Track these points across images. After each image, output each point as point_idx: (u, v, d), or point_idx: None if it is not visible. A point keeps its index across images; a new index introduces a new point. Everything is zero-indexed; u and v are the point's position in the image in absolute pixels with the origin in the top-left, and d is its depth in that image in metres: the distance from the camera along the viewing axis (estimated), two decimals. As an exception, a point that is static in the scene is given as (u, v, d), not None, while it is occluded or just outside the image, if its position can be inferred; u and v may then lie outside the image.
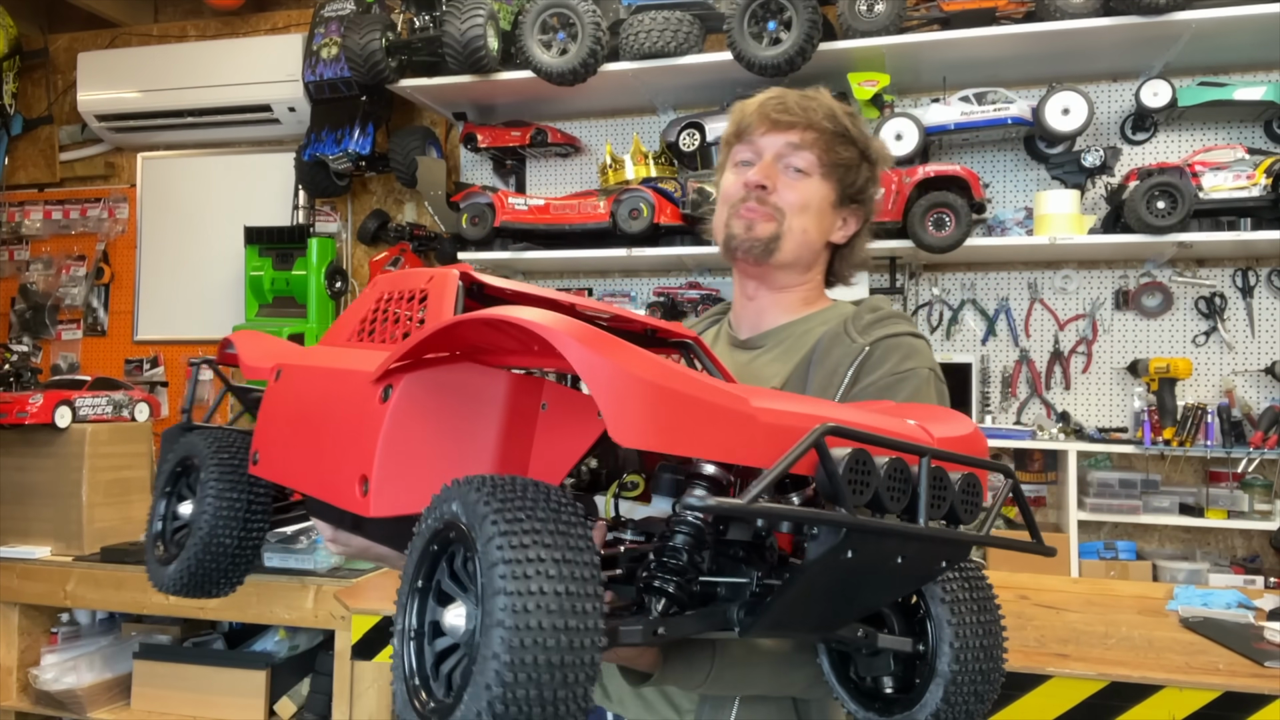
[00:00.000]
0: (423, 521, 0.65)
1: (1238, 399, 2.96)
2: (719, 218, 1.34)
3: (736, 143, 1.34)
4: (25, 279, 4.21)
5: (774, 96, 1.33)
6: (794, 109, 1.30)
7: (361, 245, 3.83)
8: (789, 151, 1.30)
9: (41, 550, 2.96)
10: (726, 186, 1.33)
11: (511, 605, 0.53)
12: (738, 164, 1.33)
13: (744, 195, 1.29)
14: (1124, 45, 2.87)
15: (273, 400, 0.95)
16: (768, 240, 1.28)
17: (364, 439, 0.78)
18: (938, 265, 3.23)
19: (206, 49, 3.85)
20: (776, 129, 1.30)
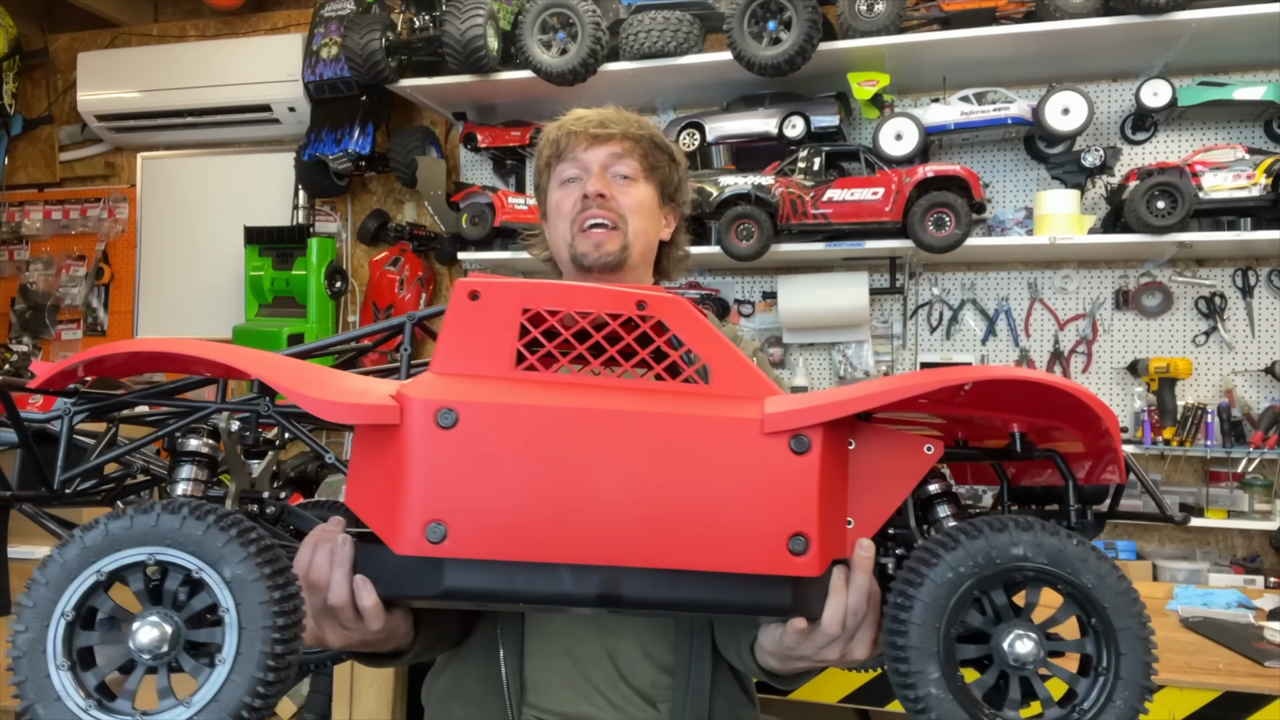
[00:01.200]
0: (956, 567, 0.72)
1: (1238, 399, 2.96)
2: (558, 233, 1.41)
3: (558, 163, 1.42)
4: (25, 279, 4.21)
5: (585, 116, 1.43)
6: (610, 123, 1.40)
7: (361, 245, 3.83)
8: (613, 161, 1.40)
9: (42, 550, 2.95)
10: (559, 203, 1.41)
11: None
12: (564, 182, 1.41)
13: (583, 206, 1.37)
14: (1124, 45, 2.87)
15: (468, 454, 0.74)
16: (618, 252, 1.38)
17: (780, 497, 0.74)
18: (938, 265, 3.23)
19: (206, 49, 3.85)
20: (598, 143, 1.40)
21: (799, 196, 2.93)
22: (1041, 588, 0.76)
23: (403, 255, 3.65)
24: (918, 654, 0.72)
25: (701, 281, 3.44)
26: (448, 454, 0.74)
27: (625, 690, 1.24)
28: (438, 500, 0.73)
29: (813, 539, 0.75)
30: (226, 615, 0.69)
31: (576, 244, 1.37)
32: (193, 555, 0.70)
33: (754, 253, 2.95)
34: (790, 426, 0.75)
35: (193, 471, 0.88)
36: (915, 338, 3.27)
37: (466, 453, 0.74)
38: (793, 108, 3.08)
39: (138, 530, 0.71)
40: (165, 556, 0.71)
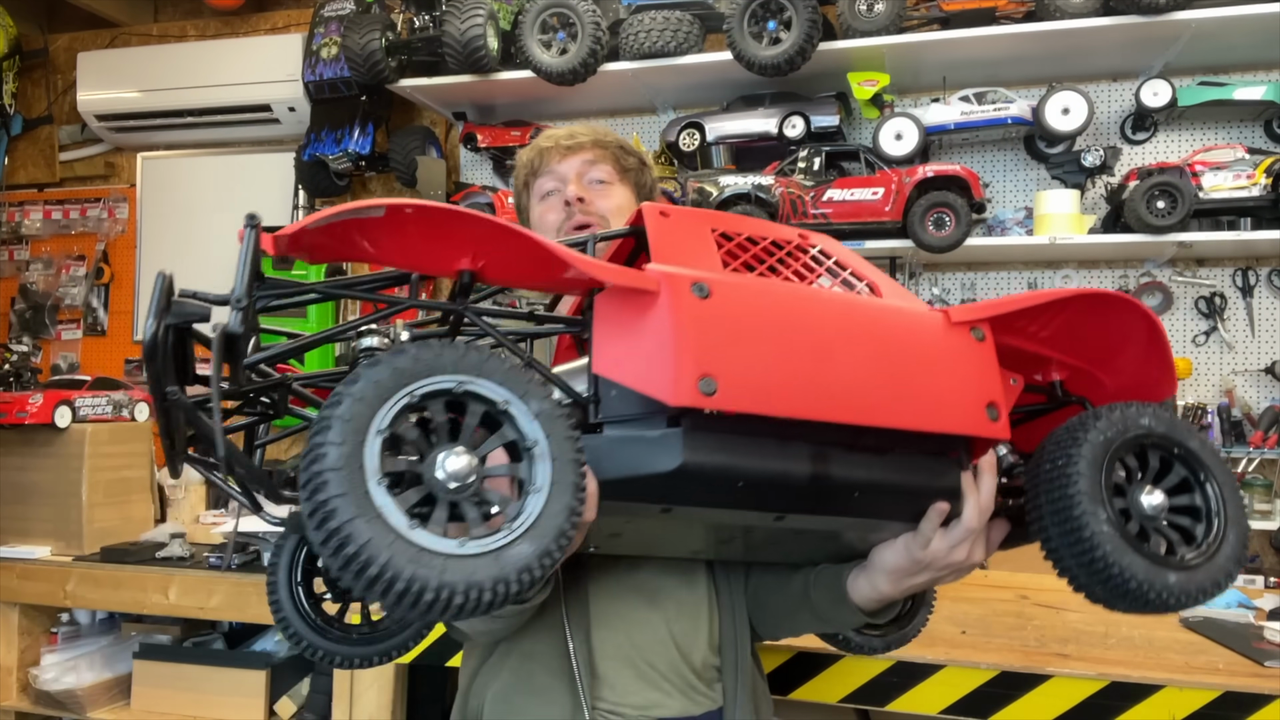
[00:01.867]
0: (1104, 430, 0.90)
1: (1238, 399, 2.96)
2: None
3: (535, 179, 1.50)
4: (25, 279, 4.21)
5: (553, 133, 1.51)
6: (579, 134, 1.49)
7: (361, 245, 3.83)
8: (587, 168, 1.47)
9: (41, 550, 2.95)
10: (541, 216, 1.47)
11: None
12: (543, 196, 1.48)
13: (567, 214, 1.42)
14: (1124, 45, 2.87)
15: (726, 321, 0.83)
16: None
17: (976, 372, 0.91)
18: (938, 265, 3.23)
19: (206, 49, 3.85)
20: (570, 153, 1.47)
21: (799, 196, 2.93)
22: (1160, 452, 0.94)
23: (403, 255, 3.65)
24: (1087, 499, 0.86)
25: (701, 281, 3.44)
26: (709, 319, 0.82)
27: (688, 674, 1.26)
28: (707, 357, 0.80)
29: (1001, 409, 0.91)
30: (537, 447, 0.71)
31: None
32: (502, 387, 0.72)
33: (754, 253, 2.95)
34: (969, 319, 0.93)
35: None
36: (915, 338, 3.27)
37: (724, 319, 0.83)
38: (793, 108, 3.08)
39: (446, 359, 0.72)
40: (475, 387, 0.72)
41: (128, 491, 3.13)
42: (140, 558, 2.87)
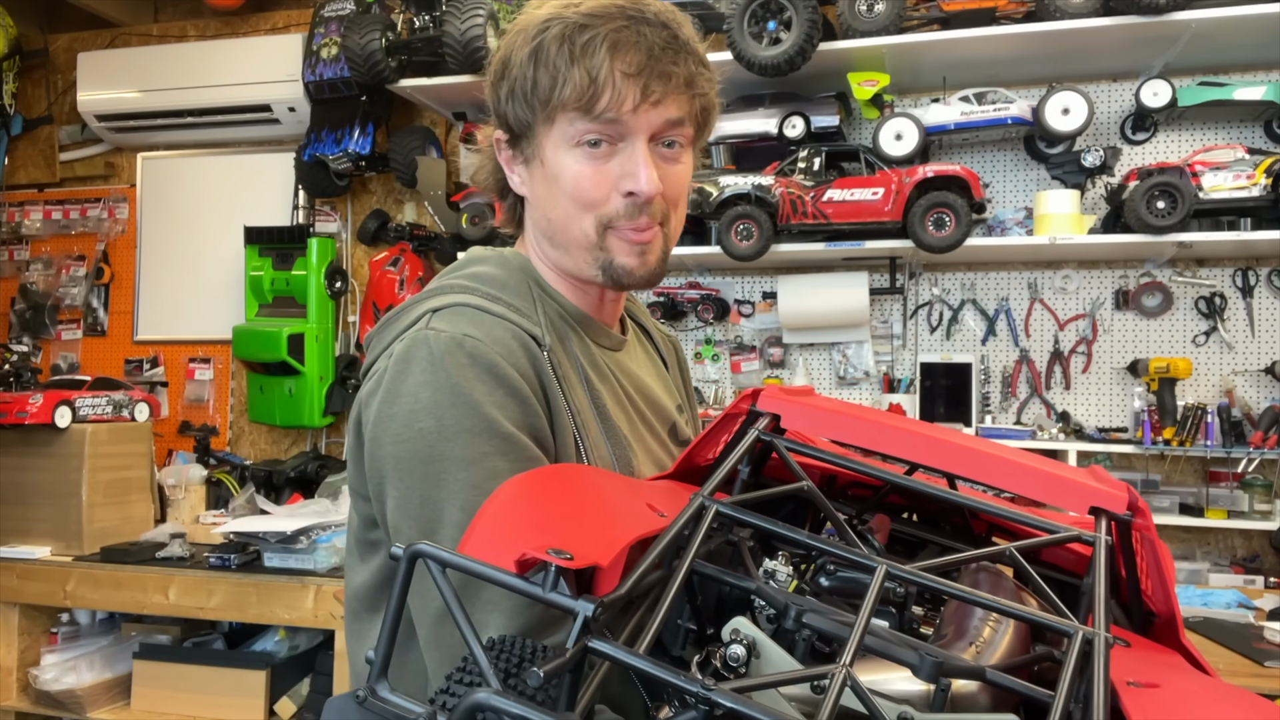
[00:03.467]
0: None
1: (1238, 399, 2.96)
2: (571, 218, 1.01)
3: (580, 116, 0.96)
4: (25, 279, 4.21)
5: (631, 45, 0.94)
6: (669, 69, 0.96)
7: (361, 245, 3.83)
8: (666, 129, 0.99)
9: (41, 550, 2.96)
10: (582, 182, 0.99)
11: None
12: (582, 143, 0.98)
13: (628, 209, 1.00)
14: (1124, 45, 2.87)
15: None
16: (660, 261, 1.05)
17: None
18: (938, 265, 3.23)
19: (206, 49, 3.85)
20: (649, 101, 0.96)
21: (799, 196, 2.93)
22: None
23: (403, 255, 3.65)
24: None
25: (701, 281, 3.44)
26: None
27: None
28: None
29: None
30: None
31: (611, 251, 1.02)
32: None
33: (754, 253, 2.95)
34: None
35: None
36: (915, 338, 3.27)
37: None
38: (793, 108, 3.08)
39: None
40: None
41: (128, 491, 3.13)
42: (140, 558, 2.88)
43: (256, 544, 2.82)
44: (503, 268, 1.07)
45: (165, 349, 4.05)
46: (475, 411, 0.89)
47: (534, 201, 1.08)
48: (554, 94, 0.96)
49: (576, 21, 0.95)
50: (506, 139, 1.07)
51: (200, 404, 3.97)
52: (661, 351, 1.30)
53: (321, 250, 3.64)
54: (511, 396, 0.92)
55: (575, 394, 1.01)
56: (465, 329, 0.94)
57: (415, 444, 0.89)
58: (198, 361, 3.99)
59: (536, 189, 1.06)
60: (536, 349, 0.98)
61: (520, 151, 1.06)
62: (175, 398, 4.00)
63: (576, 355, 1.05)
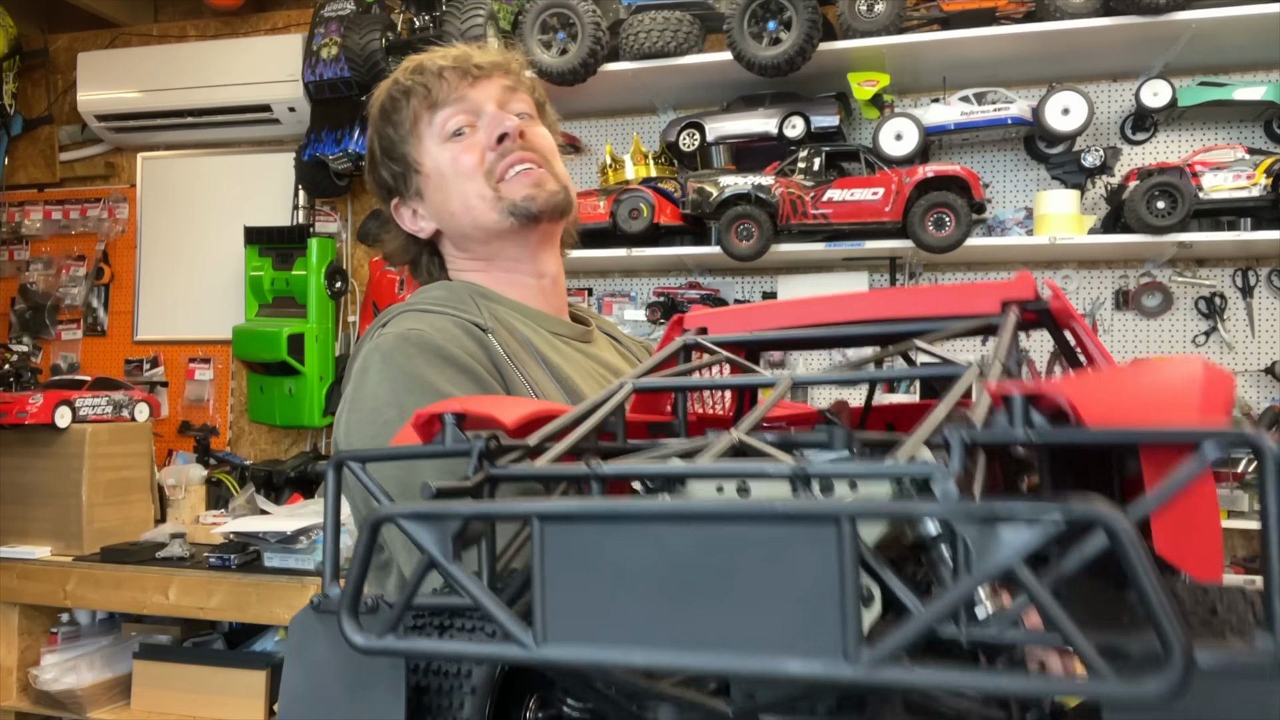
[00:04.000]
0: None
1: (1238, 399, 2.96)
2: (467, 195, 1.11)
3: (432, 113, 1.12)
4: (25, 279, 4.21)
5: (438, 55, 1.14)
6: (483, 59, 1.14)
7: (361, 245, 3.83)
8: (508, 97, 1.14)
9: (41, 550, 2.96)
10: (455, 160, 1.11)
11: None
12: (450, 136, 1.12)
13: (501, 152, 1.10)
14: (1124, 45, 2.87)
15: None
16: (563, 191, 1.13)
17: None
18: (938, 265, 3.23)
19: (206, 49, 3.85)
20: (482, 78, 1.12)
21: (799, 196, 2.93)
22: None
23: (403, 255, 3.65)
24: None
25: (701, 282, 3.44)
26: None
27: None
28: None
29: None
30: None
31: (508, 190, 1.11)
32: None
33: (754, 253, 2.95)
34: None
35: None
36: (915, 338, 3.27)
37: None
38: (793, 108, 3.08)
39: None
40: None
41: (128, 491, 3.13)
42: (140, 558, 2.88)
43: (256, 544, 2.82)
44: (445, 288, 1.14)
45: (165, 349, 4.05)
46: (431, 390, 0.94)
47: (439, 218, 1.17)
48: (407, 113, 1.13)
49: (396, 78, 1.16)
50: (397, 201, 1.19)
51: (200, 404, 3.97)
52: (634, 355, 1.32)
53: (321, 250, 3.64)
54: (463, 373, 0.97)
55: (529, 369, 1.04)
56: (409, 325, 1.01)
57: (384, 435, 0.92)
58: (198, 361, 3.99)
59: (434, 204, 1.16)
60: (480, 332, 1.04)
61: (409, 193, 1.18)
62: (175, 398, 4.00)
63: (528, 340, 1.09)
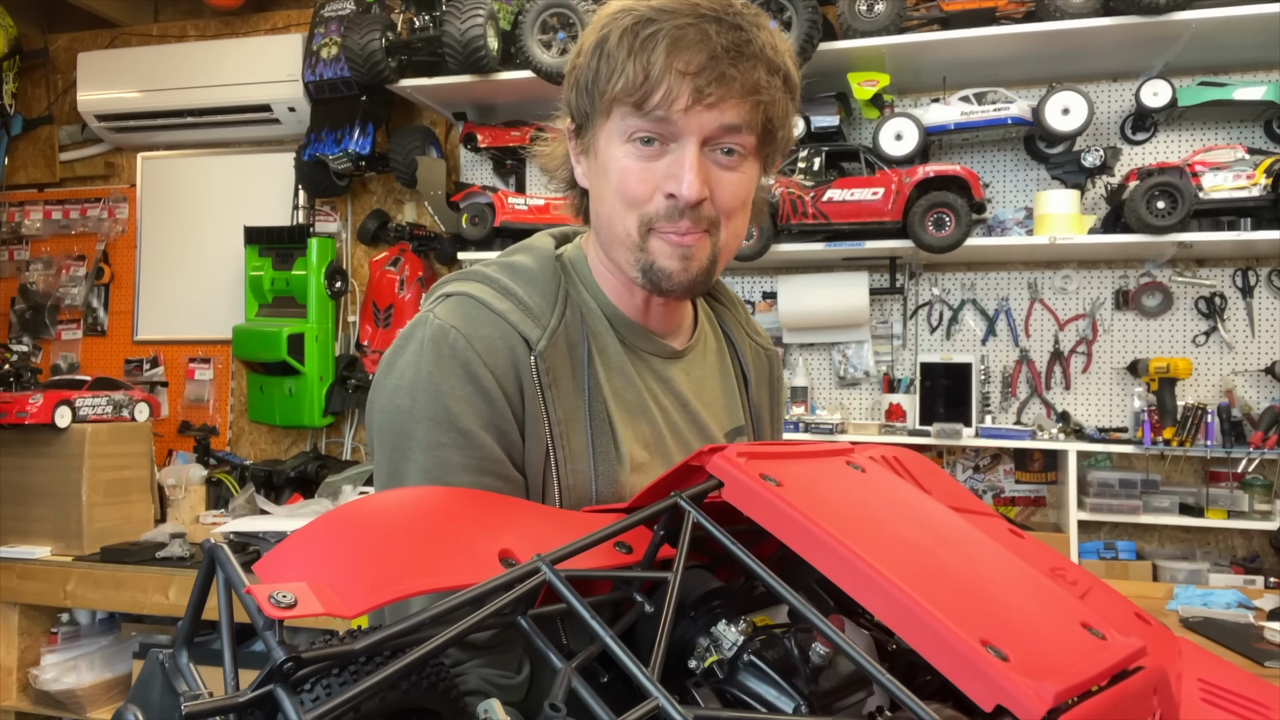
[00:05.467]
0: None
1: (1238, 399, 2.96)
2: (614, 213, 1.00)
3: (633, 113, 0.95)
4: (25, 279, 4.21)
5: (693, 44, 0.91)
6: (730, 72, 0.92)
7: (361, 245, 3.83)
8: (722, 135, 0.96)
9: (41, 550, 2.96)
10: (627, 178, 0.97)
11: None
12: (633, 139, 0.96)
13: (668, 210, 0.97)
14: (1124, 45, 2.87)
15: None
16: (705, 270, 1.01)
17: None
18: (938, 265, 3.23)
19: (206, 49, 3.85)
20: (703, 103, 0.92)
21: (799, 196, 2.93)
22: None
23: (403, 255, 3.65)
24: None
25: (701, 281, 3.44)
26: None
27: None
28: None
29: None
30: None
31: (652, 253, 0.99)
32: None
33: (754, 253, 2.95)
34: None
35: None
36: (915, 338, 3.27)
37: None
38: (793, 108, 3.08)
39: None
40: None
41: (128, 491, 3.13)
42: (140, 558, 2.88)
43: (256, 544, 2.82)
44: (540, 261, 1.05)
45: (165, 349, 4.05)
46: (440, 402, 0.93)
47: (591, 193, 1.06)
48: (609, 86, 0.95)
49: (644, 15, 0.94)
50: (573, 129, 1.05)
51: (200, 404, 3.97)
52: (745, 365, 1.22)
53: (321, 250, 3.64)
54: (480, 395, 0.94)
55: (563, 402, 0.98)
56: (455, 321, 0.96)
57: (392, 417, 0.94)
58: (198, 361, 3.99)
59: (592, 180, 1.05)
60: (524, 352, 0.97)
61: (582, 142, 1.05)
62: (175, 398, 4.00)
63: (589, 359, 1.02)
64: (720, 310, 1.24)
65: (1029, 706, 0.50)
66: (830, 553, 0.59)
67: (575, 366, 1.01)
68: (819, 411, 3.27)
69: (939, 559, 0.63)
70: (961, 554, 0.66)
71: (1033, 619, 0.61)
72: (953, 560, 0.64)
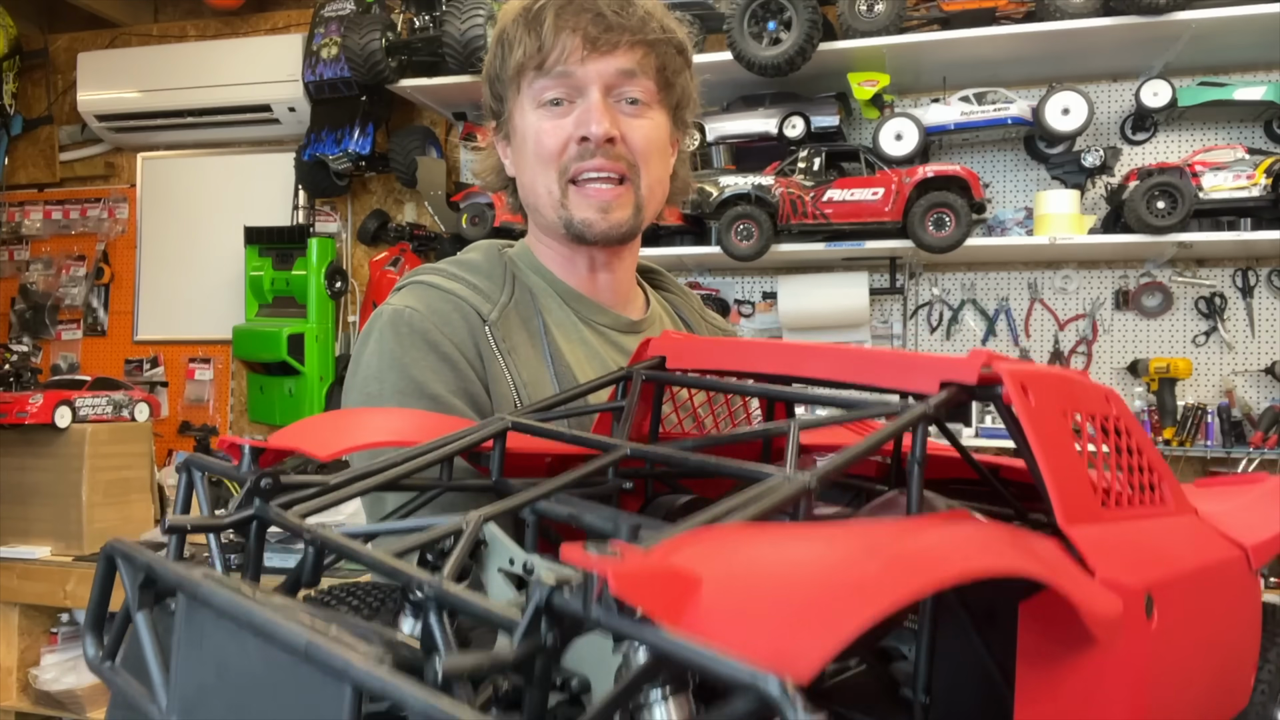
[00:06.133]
0: None
1: (1238, 399, 2.96)
2: (536, 180, 1.06)
3: (537, 74, 1.03)
4: (25, 279, 4.21)
5: (580, 9, 1.01)
6: (616, 20, 1.00)
7: (361, 245, 3.83)
8: (621, 81, 1.02)
9: (41, 550, 2.95)
10: (540, 134, 1.03)
11: None
12: (543, 104, 1.04)
13: (580, 152, 1.02)
14: (1124, 45, 2.87)
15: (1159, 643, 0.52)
16: (631, 217, 1.06)
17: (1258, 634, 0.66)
18: (938, 265, 3.22)
19: (206, 49, 3.85)
20: (599, 52, 1.00)
21: (799, 196, 2.93)
22: None
23: (403, 255, 3.65)
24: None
25: (702, 281, 3.44)
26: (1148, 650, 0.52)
27: None
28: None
29: None
30: None
31: (572, 207, 1.04)
32: None
33: (754, 253, 2.95)
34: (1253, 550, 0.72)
35: None
36: (915, 338, 3.27)
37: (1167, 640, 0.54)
38: (793, 108, 3.08)
39: None
40: None
41: (128, 491, 3.13)
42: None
43: (256, 544, 2.81)
44: (484, 254, 1.12)
45: (165, 349, 4.05)
46: (406, 375, 0.98)
47: (517, 173, 1.12)
48: (511, 59, 1.04)
49: (532, 2, 1.03)
50: (494, 125, 1.15)
51: (200, 404, 3.97)
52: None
53: (321, 250, 3.64)
54: (444, 362, 0.99)
55: (526, 367, 1.03)
56: (409, 302, 1.02)
57: (365, 404, 1.00)
58: (198, 361, 3.99)
59: (515, 161, 1.11)
60: (478, 321, 1.03)
61: (502, 130, 1.13)
62: (175, 398, 4.00)
63: (545, 330, 1.07)
64: (673, 299, 1.31)
65: (969, 366, 0.56)
66: (764, 349, 0.72)
67: (532, 337, 1.06)
68: (819, 411, 3.27)
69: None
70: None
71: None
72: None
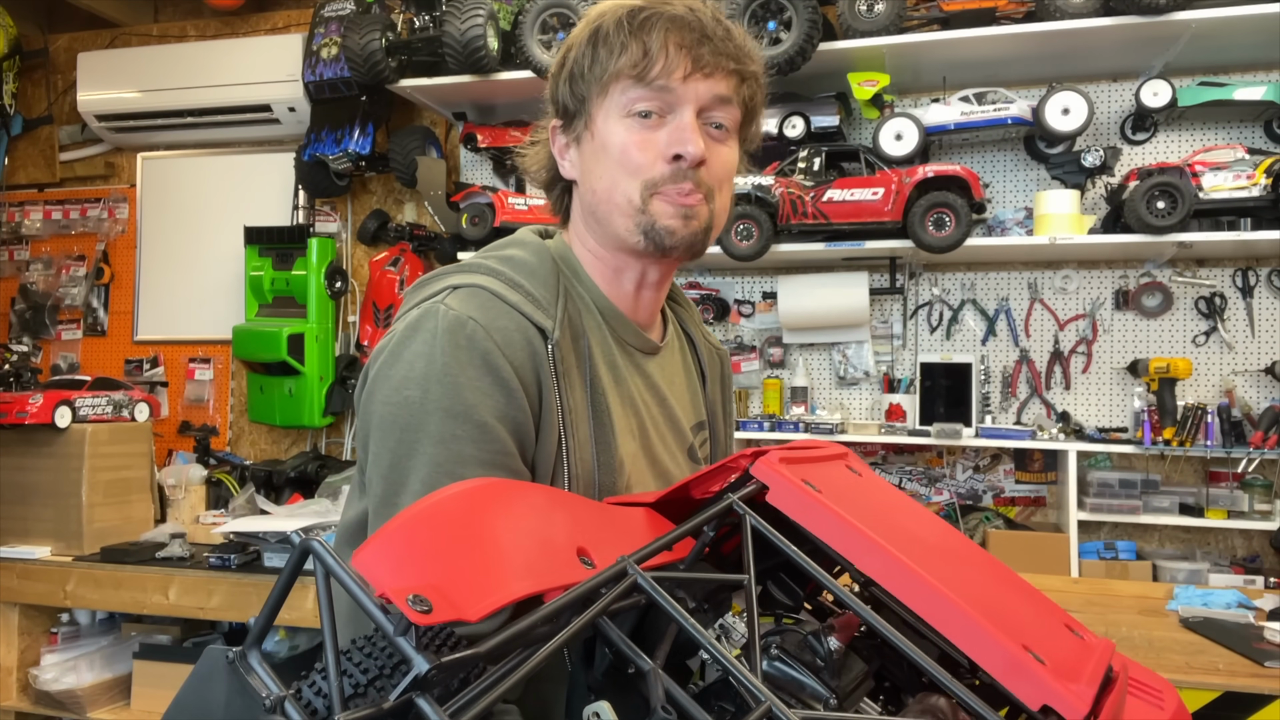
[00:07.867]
0: None
1: (1238, 399, 2.96)
2: (617, 185, 1.03)
3: (634, 85, 1.00)
4: (25, 279, 4.21)
5: (688, 25, 1.00)
6: (722, 48, 1.01)
7: (361, 245, 3.83)
8: (714, 105, 1.02)
9: (41, 550, 2.96)
10: (626, 145, 1.01)
11: None
12: (635, 113, 1.01)
13: (673, 174, 1.01)
14: (1124, 45, 2.87)
15: None
16: (704, 231, 1.05)
17: None
18: (938, 265, 3.23)
19: (206, 49, 3.85)
20: (701, 73, 1.00)
21: (799, 196, 2.93)
22: None
23: (403, 255, 3.65)
24: None
25: (702, 281, 3.44)
26: None
27: None
28: None
29: None
30: None
31: (654, 213, 1.02)
32: None
33: (754, 253, 2.95)
34: None
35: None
36: (915, 338, 3.27)
37: None
38: (793, 108, 3.08)
39: None
40: None
41: (128, 491, 3.13)
42: (140, 558, 2.88)
43: (256, 544, 2.82)
44: (536, 254, 1.07)
45: (165, 349, 4.05)
46: (457, 394, 0.91)
47: (581, 179, 1.09)
48: (610, 63, 1.01)
49: (638, 6, 1.02)
50: (560, 125, 1.11)
51: (200, 404, 3.97)
52: (703, 363, 1.26)
53: (321, 250, 3.64)
54: (498, 386, 0.94)
55: (573, 393, 1.00)
56: (472, 312, 0.95)
57: (399, 409, 0.92)
58: (198, 361, 3.99)
59: (585, 164, 1.08)
60: (540, 343, 0.98)
61: (572, 132, 1.09)
62: (175, 398, 4.00)
63: (589, 352, 1.04)
64: (679, 310, 1.28)
65: (1075, 706, 0.58)
66: (884, 560, 0.66)
67: (579, 358, 1.03)
68: (819, 412, 3.27)
69: (956, 564, 0.70)
70: (964, 559, 0.74)
71: (1036, 622, 0.69)
72: (964, 565, 0.71)
